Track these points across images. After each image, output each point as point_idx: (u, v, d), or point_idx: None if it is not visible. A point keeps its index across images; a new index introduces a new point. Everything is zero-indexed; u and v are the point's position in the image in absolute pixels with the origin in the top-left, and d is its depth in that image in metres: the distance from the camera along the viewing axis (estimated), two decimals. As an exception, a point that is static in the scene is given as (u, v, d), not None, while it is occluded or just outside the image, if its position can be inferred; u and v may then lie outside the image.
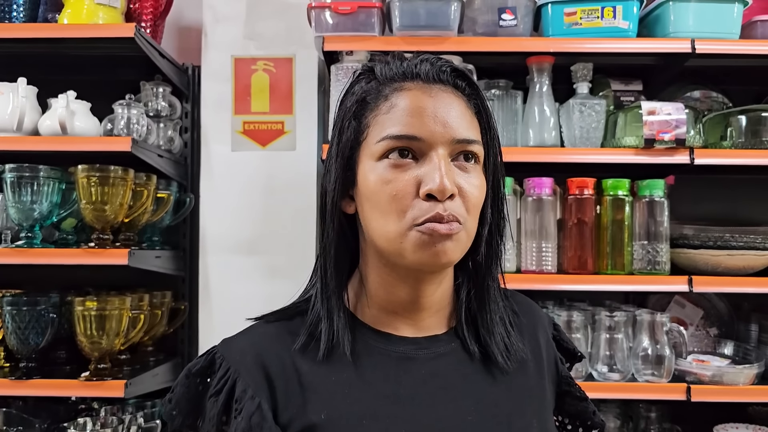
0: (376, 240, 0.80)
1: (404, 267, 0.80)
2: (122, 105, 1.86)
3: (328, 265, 0.83)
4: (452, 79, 0.81)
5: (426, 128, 0.77)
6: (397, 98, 0.79)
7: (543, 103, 1.89)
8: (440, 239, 0.75)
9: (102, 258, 1.74)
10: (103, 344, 1.77)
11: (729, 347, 2.01)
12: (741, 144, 1.87)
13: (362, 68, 0.86)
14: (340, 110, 0.85)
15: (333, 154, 0.83)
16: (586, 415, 0.94)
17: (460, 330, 0.86)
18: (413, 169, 0.77)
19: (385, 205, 0.77)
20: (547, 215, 1.87)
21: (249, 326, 0.86)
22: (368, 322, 0.84)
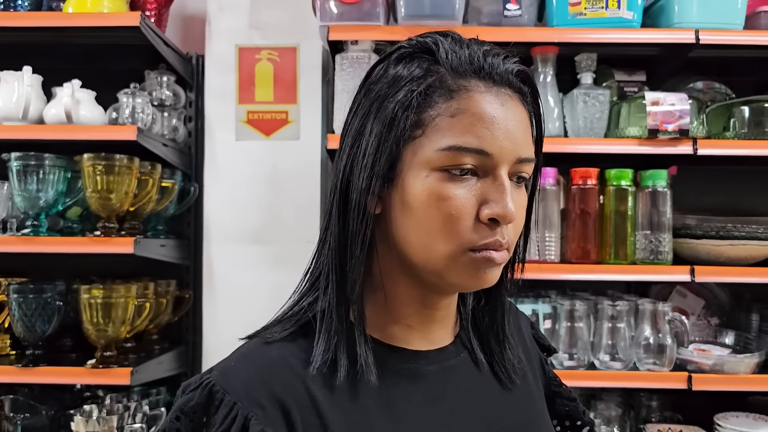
0: (411, 253, 0.72)
1: (436, 284, 0.74)
2: (127, 94, 1.86)
3: (352, 273, 0.72)
4: (518, 83, 0.73)
5: (496, 143, 0.68)
6: (467, 101, 0.69)
7: (547, 93, 1.90)
8: (491, 266, 0.70)
9: (108, 246, 1.75)
10: (109, 332, 1.78)
11: (730, 337, 2.02)
12: (744, 135, 1.87)
13: (415, 44, 0.74)
14: (387, 89, 0.72)
15: (371, 145, 0.70)
16: (576, 414, 0.92)
17: (467, 340, 0.83)
18: (473, 185, 0.69)
19: (437, 223, 0.69)
20: (550, 205, 1.88)
21: (245, 349, 0.74)
22: (377, 335, 0.76)
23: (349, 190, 0.72)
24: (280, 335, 0.73)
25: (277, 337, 0.73)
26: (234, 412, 0.66)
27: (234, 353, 0.74)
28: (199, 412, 0.67)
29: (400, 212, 0.71)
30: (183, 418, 0.67)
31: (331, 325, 0.72)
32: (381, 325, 0.76)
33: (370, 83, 0.75)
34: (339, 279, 0.73)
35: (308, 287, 0.78)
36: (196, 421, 0.67)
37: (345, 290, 0.72)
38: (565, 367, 1.85)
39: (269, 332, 0.74)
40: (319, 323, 0.73)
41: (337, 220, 0.73)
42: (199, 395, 0.68)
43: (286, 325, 0.74)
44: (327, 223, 0.76)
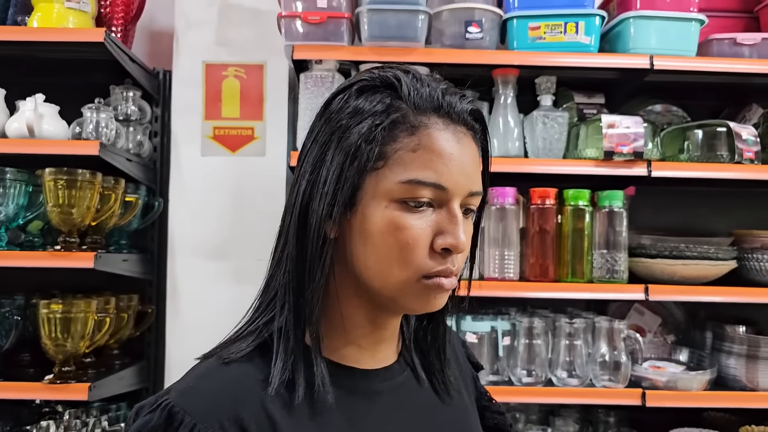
0: (367, 278, 0.75)
1: (389, 306, 0.77)
2: (91, 109, 1.87)
3: (312, 298, 0.74)
4: (472, 121, 0.78)
5: (452, 178, 0.73)
6: (427, 137, 0.73)
7: (507, 114, 1.94)
8: (441, 292, 0.75)
9: (68, 261, 1.74)
10: (67, 347, 1.77)
11: (684, 354, 2.07)
12: (697, 157, 1.93)
13: (377, 77, 0.77)
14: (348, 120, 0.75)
15: (333, 173, 0.73)
16: (504, 427, 0.98)
17: (409, 358, 0.87)
18: (429, 217, 0.73)
19: (394, 251, 0.73)
20: (509, 224, 1.91)
21: (203, 369, 0.74)
22: (330, 355, 0.78)
23: (308, 215, 0.75)
24: (237, 355, 0.74)
25: (235, 357, 0.74)
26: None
27: (191, 374, 0.74)
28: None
29: (359, 238, 0.74)
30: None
31: (288, 347, 0.74)
32: (334, 345, 0.79)
33: (330, 112, 0.77)
34: (296, 302, 0.75)
35: (264, 307, 0.79)
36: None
37: (302, 313, 0.75)
38: (523, 383, 1.88)
39: (226, 352, 0.75)
40: (276, 344, 0.74)
41: (294, 244, 0.75)
42: (157, 417, 0.68)
43: (242, 344, 0.75)
44: (283, 245, 0.78)
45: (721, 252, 1.88)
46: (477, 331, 1.89)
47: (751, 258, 1.93)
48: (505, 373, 1.92)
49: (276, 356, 0.74)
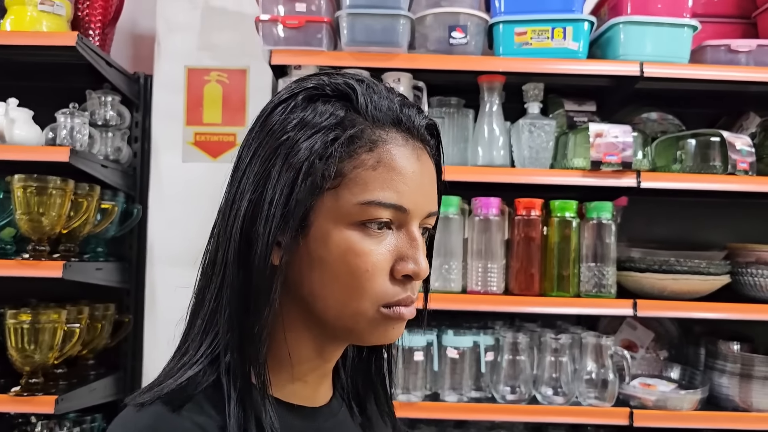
0: (320, 310, 0.69)
1: (343, 338, 0.72)
2: (65, 114, 1.82)
3: (259, 334, 0.66)
4: (428, 136, 0.73)
5: (412, 199, 0.68)
6: (387, 154, 0.67)
7: (493, 122, 1.88)
8: (401, 323, 0.70)
9: (36, 270, 1.70)
10: (35, 358, 1.73)
11: (676, 371, 2.00)
12: (690, 168, 1.86)
13: (327, 85, 0.70)
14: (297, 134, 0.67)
15: (281, 193, 0.66)
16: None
17: (343, 391, 0.83)
18: (388, 240, 0.68)
19: (351, 280, 0.66)
20: (493, 235, 1.85)
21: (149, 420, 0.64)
22: (278, 394, 0.71)
23: (251, 240, 0.66)
24: (182, 400, 0.65)
25: (182, 403, 0.65)
26: None
27: (132, 426, 0.64)
28: None
29: (311, 265, 0.68)
30: None
31: (238, 392, 0.66)
32: (281, 382, 0.72)
33: (273, 123, 0.69)
34: (240, 340, 0.67)
35: (206, 345, 0.69)
36: None
37: (248, 353, 0.66)
38: (507, 400, 1.81)
39: (170, 397, 0.65)
40: (226, 389, 0.66)
41: (236, 274, 0.67)
42: None
43: (188, 390, 0.66)
44: (221, 276, 0.69)
45: (713, 266, 1.81)
46: (458, 346, 1.82)
47: (745, 273, 1.85)
48: (488, 389, 1.86)
49: (228, 401, 0.66)
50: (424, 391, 1.84)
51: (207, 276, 0.72)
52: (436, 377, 1.86)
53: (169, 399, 0.65)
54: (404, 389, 1.81)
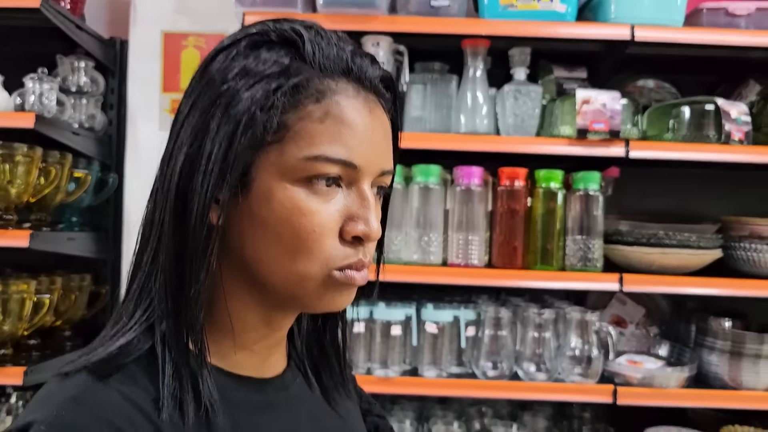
0: (264, 273, 0.64)
1: (289, 305, 0.68)
2: (33, 79, 1.76)
3: (195, 298, 0.62)
4: (383, 89, 0.68)
5: (364, 154, 0.63)
6: (336, 106, 0.62)
7: (476, 88, 1.80)
8: (351, 288, 0.66)
9: (1, 240, 1.65)
10: (4, 329, 1.69)
11: (664, 348, 1.93)
12: (683, 137, 1.78)
13: (272, 31, 0.64)
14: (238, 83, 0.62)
15: (219, 147, 0.60)
16: (385, 430, 0.90)
17: (299, 362, 0.78)
18: (337, 199, 0.63)
19: (296, 241, 0.62)
20: (476, 206, 1.78)
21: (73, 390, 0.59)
22: (221, 363, 0.67)
23: (187, 198, 0.62)
24: (112, 370, 0.60)
25: (112, 372, 0.60)
26: None
27: (53, 398, 0.58)
28: None
29: (253, 226, 0.63)
30: None
31: (173, 362, 0.62)
32: (223, 351, 0.67)
33: (213, 71, 0.64)
34: (176, 305, 0.62)
35: (141, 312, 0.64)
36: None
37: (184, 319, 0.62)
38: (488, 376, 1.76)
39: (100, 367, 0.60)
40: (161, 359, 0.62)
41: (171, 234, 0.62)
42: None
43: (119, 359, 0.61)
44: (157, 237, 0.64)
45: (703, 240, 1.74)
46: (438, 321, 1.77)
47: (738, 247, 1.78)
48: (469, 365, 1.81)
49: (162, 371, 0.61)
50: (402, 366, 1.80)
51: (144, 238, 0.67)
52: (416, 352, 1.81)
53: (96, 368, 0.60)
54: (382, 364, 1.77)
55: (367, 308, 1.77)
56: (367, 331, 1.77)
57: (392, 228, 1.78)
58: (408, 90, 1.86)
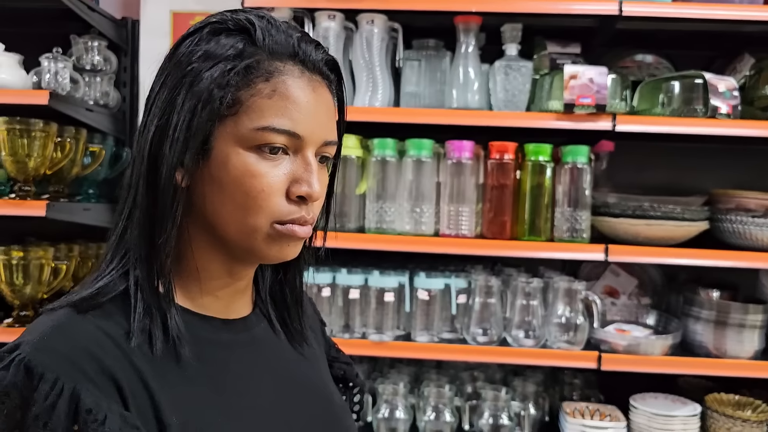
0: (220, 226, 0.74)
1: (243, 255, 0.77)
2: (48, 58, 1.87)
3: (163, 247, 0.72)
4: (327, 71, 0.78)
5: (307, 126, 0.73)
6: (282, 84, 0.72)
7: (468, 64, 1.85)
8: (294, 241, 0.76)
9: (21, 209, 1.77)
10: (25, 292, 1.83)
11: (652, 317, 1.99)
12: (673, 111, 1.81)
13: (230, 20, 0.74)
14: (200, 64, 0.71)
15: (183, 119, 0.70)
16: (350, 377, 0.99)
17: (264, 310, 0.88)
18: (284, 164, 0.73)
19: (248, 199, 0.72)
20: (467, 179, 1.84)
21: (55, 321, 0.69)
22: (188, 305, 0.77)
23: (157, 163, 0.72)
24: (88, 307, 0.70)
25: (89, 308, 0.70)
26: (58, 387, 0.62)
27: (40, 326, 0.69)
28: (14, 393, 0.62)
29: (212, 186, 0.73)
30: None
31: (143, 300, 0.72)
32: (191, 295, 0.78)
33: (180, 54, 0.74)
34: (148, 254, 0.73)
35: (119, 259, 0.74)
36: (11, 402, 0.62)
37: (154, 265, 0.72)
38: (478, 342, 1.84)
39: (78, 304, 0.70)
40: (133, 298, 0.72)
41: (144, 193, 0.73)
42: (12, 374, 0.63)
43: (97, 298, 0.71)
44: (133, 196, 0.74)
45: (688, 212, 1.78)
46: (430, 288, 1.85)
47: (725, 219, 1.81)
48: (460, 331, 1.89)
49: (134, 311, 0.71)
50: (396, 331, 1.89)
51: (123, 198, 0.77)
52: (409, 318, 1.89)
53: (76, 304, 0.70)
54: (377, 329, 1.86)
55: (362, 276, 1.86)
56: (362, 298, 1.86)
57: (386, 199, 1.85)
58: (403, 66, 1.92)
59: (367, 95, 1.87)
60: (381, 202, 1.86)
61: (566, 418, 1.82)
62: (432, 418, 1.84)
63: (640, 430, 1.82)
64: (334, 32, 1.84)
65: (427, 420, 1.84)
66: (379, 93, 1.87)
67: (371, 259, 1.99)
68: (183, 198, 0.73)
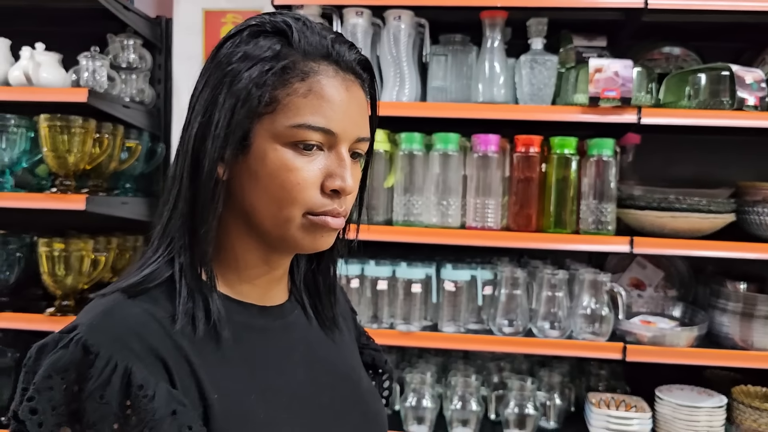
0: (258, 217, 0.78)
1: (279, 245, 0.81)
2: (87, 57, 1.94)
3: (204, 236, 0.77)
4: (360, 70, 0.82)
5: (341, 124, 0.77)
6: (317, 83, 0.76)
7: (494, 58, 1.88)
8: (328, 231, 0.80)
9: (61, 203, 1.85)
10: (67, 283, 1.90)
11: (678, 309, 2.00)
12: (699, 104, 1.82)
13: (268, 23, 0.78)
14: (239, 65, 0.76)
15: (224, 117, 0.75)
16: (379, 363, 1.03)
17: (299, 298, 0.92)
18: (319, 160, 0.77)
19: (282, 192, 0.76)
20: (492, 172, 1.87)
21: (106, 304, 0.74)
22: (228, 291, 0.81)
23: (200, 157, 0.76)
24: (137, 293, 0.75)
25: (138, 293, 0.75)
26: (112, 364, 0.67)
27: (93, 309, 0.74)
28: (72, 369, 0.67)
29: (250, 180, 0.77)
30: (55, 376, 0.67)
31: (187, 285, 0.76)
32: (230, 283, 0.82)
33: (221, 56, 0.78)
34: (190, 242, 0.77)
35: (163, 249, 0.79)
36: (69, 378, 0.67)
37: (197, 253, 0.77)
38: (504, 333, 1.87)
39: (126, 290, 0.75)
40: (178, 283, 0.76)
41: (188, 186, 0.77)
42: (71, 353, 0.67)
43: (144, 284, 0.76)
44: (177, 188, 0.78)
45: (714, 204, 1.78)
46: (456, 280, 1.88)
47: (752, 211, 1.81)
48: (486, 322, 1.92)
49: (179, 293, 0.76)
50: (423, 322, 1.92)
51: (167, 190, 0.81)
52: (436, 309, 1.93)
53: (125, 290, 0.75)
54: (404, 319, 1.90)
55: (390, 267, 1.90)
56: (390, 289, 1.91)
57: (413, 192, 1.89)
58: (430, 61, 1.95)
59: (394, 90, 1.90)
60: (408, 195, 1.90)
61: (591, 408, 1.84)
62: (459, 407, 1.87)
63: (666, 421, 1.84)
64: (362, 28, 1.88)
65: (453, 409, 1.88)
66: (407, 88, 1.91)
67: (399, 251, 2.03)
68: (223, 191, 0.77)
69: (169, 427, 0.67)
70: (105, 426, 0.65)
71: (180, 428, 0.67)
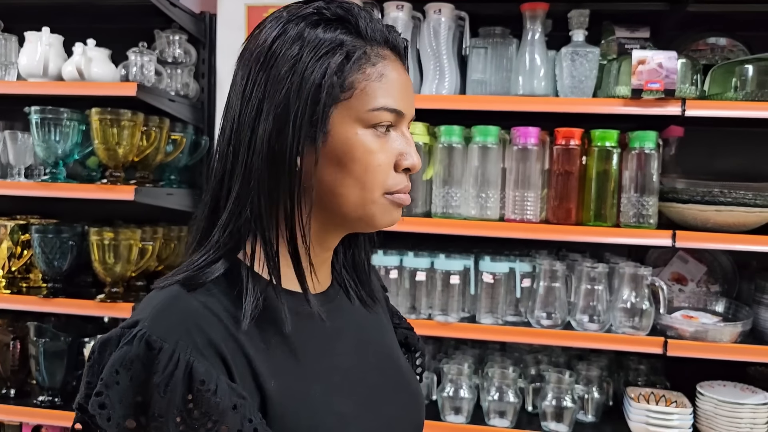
0: (338, 202, 0.80)
1: (355, 225, 0.83)
2: (135, 52, 2.00)
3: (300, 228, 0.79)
4: (405, 54, 0.86)
5: (405, 104, 0.82)
6: (385, 68, 0.80)
7: (534, 51, 1.87)
8: (401, 207, 0.84)
9: (111, 193, 1.92)
10: (116, 270, 1.97)
11: (721, 304, 1.97)
12: (746, 95, 1.78)
13: (333, 12, 0.79)
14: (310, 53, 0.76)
15: (302, 106, 0.76)
16: (413, 342, 1.06)
17: (340, 279, 0.94)
18: (391, 140, 0.81)
19: (366, 174, 0.79)
20: (532, 165, 1.87)
21: (167, 296, 0.75)
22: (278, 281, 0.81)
23: (277, 149, 0.76)
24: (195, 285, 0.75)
25: (198, 285, 0.75)
26: (175, 358, 0.68)
27: (153, 302, 0.75)
28: (137, 363, 0.69)
29: (331, 165, 0.79)
30: (122, 371, 0.69)
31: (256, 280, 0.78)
32: (283, 270, 0.80)
33: (283, 43, 0.77)
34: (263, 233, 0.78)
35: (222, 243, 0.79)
36: (135, 372, 0.69)
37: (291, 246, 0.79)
38: (542, 325, 1.87)
39: (185, 283, 0.75)
40: (246, 279, 0.77)
41: (267, 178, 0.77)
42: (135, 348, 0.69)
43: (201, 277, 0.76)
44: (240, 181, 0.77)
45: (760, 198, 1.75)
46: (494, 272, 1.89)
47: (799, 205, 1.77)
48: (524, 314, 1.92)
49: (246, 291, 0.76)
50: (461, 313, 1.94)
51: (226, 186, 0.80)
52: (474, 301, 1.94)
53: (183, 283, 0.76)
54: (442, 311, 1.91)
55: (429, 259, 1.92)
56: (428, 280, 1.92)
57: (452, 185, 1.90)
58: (469, 54, 1.95)
59: (434, 83, 1.91)
60: (447, 187, 1.91)
61: (630, 402, 1.83)
62: (495, 398, 1.88)
63: (707, 418, 1.82)
64: (402, 22, 1.90)
65: (491, 400, 1.89)
66: (446, 81, 1.92)
67: (437, 242, 2.05)
68: (300, 179, 0.78)
69: (232, 420, 0.69)
70: (169, 419, 0.67)
71: (242, 421, 0.70)
